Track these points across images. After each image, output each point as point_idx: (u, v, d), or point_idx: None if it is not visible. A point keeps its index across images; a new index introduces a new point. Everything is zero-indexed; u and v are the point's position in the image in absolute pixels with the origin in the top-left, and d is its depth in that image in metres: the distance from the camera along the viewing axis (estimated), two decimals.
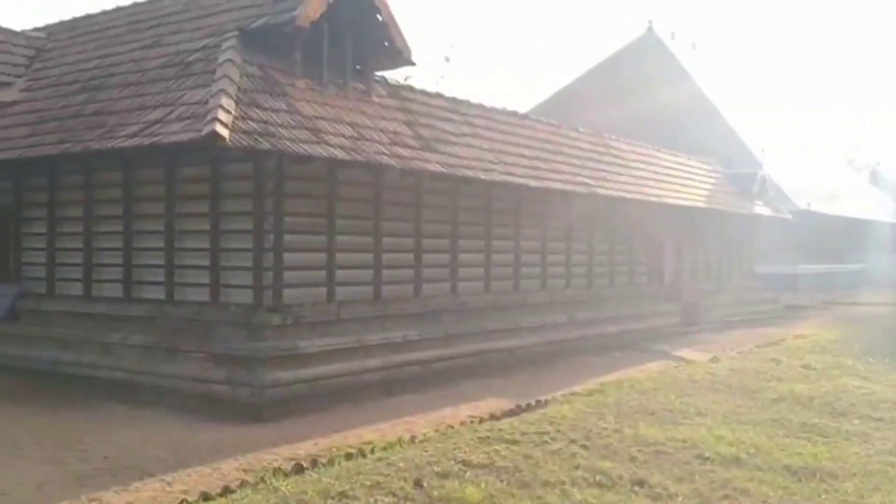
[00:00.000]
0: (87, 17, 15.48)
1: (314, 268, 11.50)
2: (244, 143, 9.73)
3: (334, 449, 7.91)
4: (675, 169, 22.46)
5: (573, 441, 7.91)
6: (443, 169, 12.79)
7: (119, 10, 14.97)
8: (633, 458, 7.34)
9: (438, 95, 14.81)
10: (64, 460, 7.63)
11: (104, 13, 15.22)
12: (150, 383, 10.77)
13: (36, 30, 16.02)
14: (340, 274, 11.80)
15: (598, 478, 6.71)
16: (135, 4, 14.77)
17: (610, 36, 75.46)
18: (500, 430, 8.25)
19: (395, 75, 14.01)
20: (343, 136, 11.41)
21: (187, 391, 10.38)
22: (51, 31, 15.83)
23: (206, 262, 11.20)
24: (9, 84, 14.03)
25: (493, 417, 9.34)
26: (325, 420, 9.52)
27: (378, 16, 12.42)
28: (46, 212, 13.03)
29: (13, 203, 13.58)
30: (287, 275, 10.93)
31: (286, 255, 10.92)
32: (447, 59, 55.71)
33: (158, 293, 11.66)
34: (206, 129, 9.43)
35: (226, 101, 9.98)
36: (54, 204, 12.97)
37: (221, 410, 9.83)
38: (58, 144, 11.38)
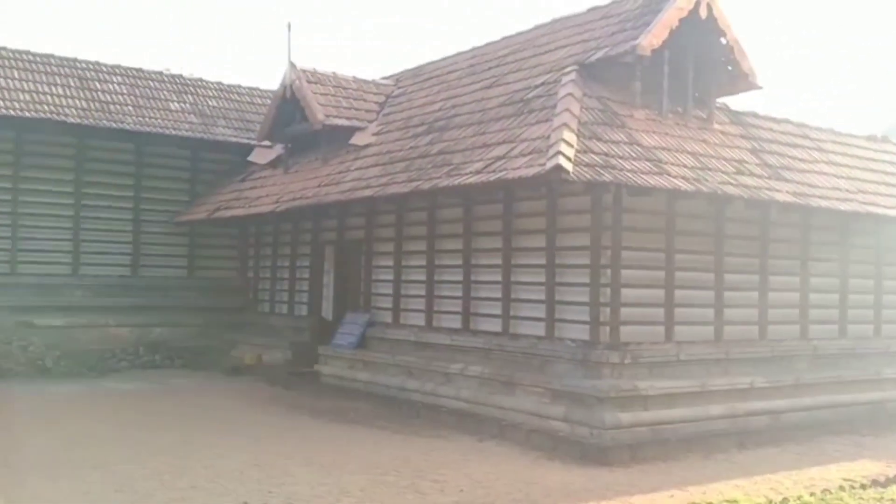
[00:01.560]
0: (430, 63, 16.57)
1: (652, 305, 10.96)
2: (587, 176, 9.55)
3: None
4: None
5: None
6: (794, 199, 11.65)
7: (459, 54, 15.83)
8: None
9: (785, 121, 13.62)
10: (424, 490, 7.81)
11: (445, 59, 16.18)
12: (488, 414, 10.92)
13: (385, 78, 17.44)
14: (679, 312, 11.13)
15: None
16: (474, 48, 15.52)
17: None
18: (892, 500, 7.06)
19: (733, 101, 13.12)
20: (685, 166, 10.84)
21: (527, 426, 10.34)
22: (398, 78, 17.17)
23: (542, 297, 11.16)
24: (363, 129, 15.35)
25: (876, 483, 8.07)
26: (676, 470, 8.88)
27: (722, 39, 11.78)
28: (393, 246, 13.93)
29: (365, 238, 14.73)
30: (624, 311, 10.51)
31: (623, 291, 10.51)
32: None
33: (495, 326, 11.86)
34: (550, 164, 9.39)
35: (568, 135, 9.91)
36: (401, 239, 13.82)
37: (564, 449, 9.61)
38: (408, 183, 12.06)
